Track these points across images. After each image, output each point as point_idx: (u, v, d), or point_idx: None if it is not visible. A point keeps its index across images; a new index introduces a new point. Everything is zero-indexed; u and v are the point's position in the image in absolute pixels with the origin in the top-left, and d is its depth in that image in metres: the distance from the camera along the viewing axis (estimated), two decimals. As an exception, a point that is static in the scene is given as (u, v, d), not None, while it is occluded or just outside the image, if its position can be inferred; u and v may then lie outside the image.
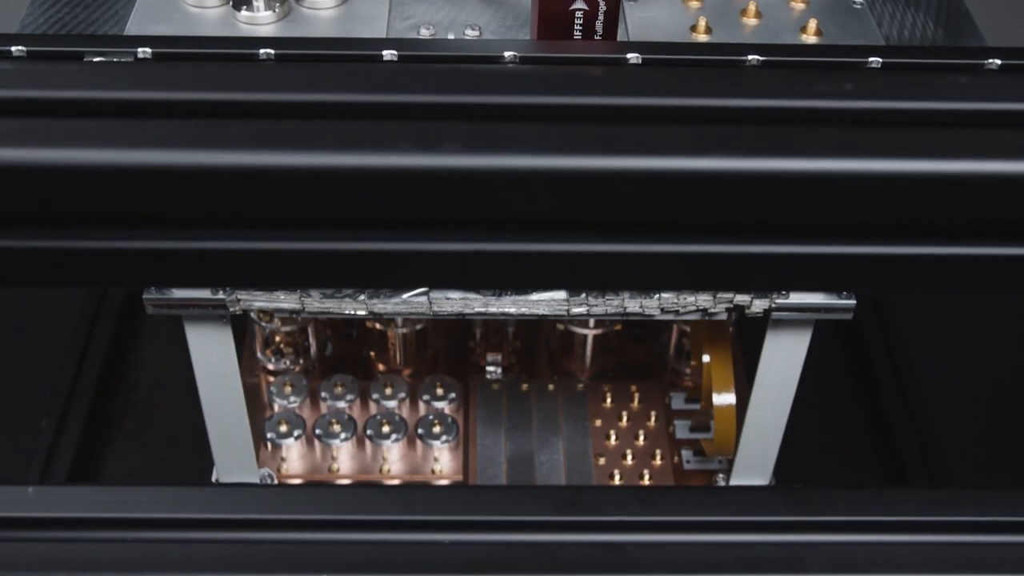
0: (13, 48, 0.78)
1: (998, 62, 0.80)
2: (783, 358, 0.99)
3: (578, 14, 0.84)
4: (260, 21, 0.91)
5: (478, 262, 0.51)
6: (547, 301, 0.92)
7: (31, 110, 0.53)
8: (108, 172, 0.48)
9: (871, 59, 0.80)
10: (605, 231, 0.51)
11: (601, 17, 0.84)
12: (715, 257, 0.52)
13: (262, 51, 0.78)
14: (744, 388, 1.05)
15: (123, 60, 0.77)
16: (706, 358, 1.08)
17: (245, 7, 0.91)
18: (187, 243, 0.50)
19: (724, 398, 1.06)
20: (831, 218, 0.51)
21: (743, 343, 1.16)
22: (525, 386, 1.22)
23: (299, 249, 0.51)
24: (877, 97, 0.56)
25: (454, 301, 0.92)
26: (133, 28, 0.91)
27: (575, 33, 0.85)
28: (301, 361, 1.22)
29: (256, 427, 1.11)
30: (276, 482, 1.11)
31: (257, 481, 1.09)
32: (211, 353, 0.98)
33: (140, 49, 0.78)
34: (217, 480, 1.09)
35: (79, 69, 0.61)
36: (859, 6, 0.97)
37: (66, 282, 0.53)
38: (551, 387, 1.23)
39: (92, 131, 0.49)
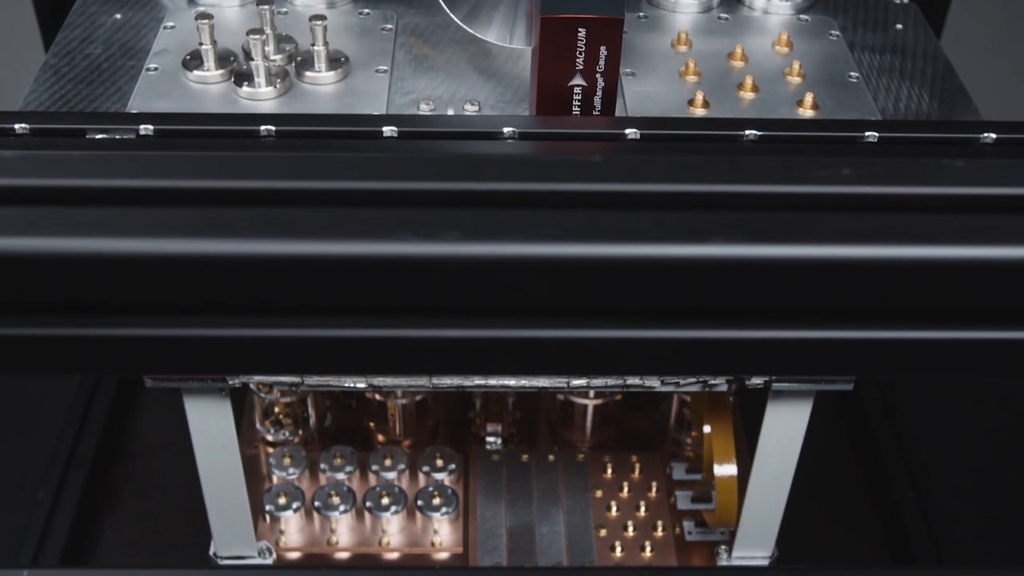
0: (16, 125, 0.79)
1: (993, 136, 0.81)
2: (784, 429, 0.99)
3: (576, 90, 0.84)
4: (261, 97, 0.92)
5: (479, 348, 0.51)
6: (547, 373, 0.92)
7: (31, 198, 0.53)
8: (107, 261, 0.48)
9: (867, 134, 0.81)
10: (605, 317, 0.52)
11: (599, 93, 0.84)
12: (715, 343, 0.52)
13: (263, 128, 0.78)
14: (746, 458, 1.05)
15: (125, 137, 0.78)
16: (707, 429, 1.08)
17: (246, 83, 0.92)
18: (187, 331, 0.50)
19: (725, 469, 1.06)
20: (829, 303, 0.51)
21: (744, 413, 1.16)
22: (525, 457, 1.22)
23: (300, 336, 0.51)
24: (874, 183, 0.56)
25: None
26: (136, 104, 0.92)
27: (573, 108, 0.85)
28: (300, 432, 1.21)
29: (255, 499, 1.10)
30: (274, 555, 1.10)
31: (255, 554, 1.08)
32: (210, 426, 0.98)
33: (142, 126, 0.79)
34: (215, 554, 1.08)
35: (78, 157, 0.61)
36: (855, 80, 0.98)
37: (65, 370, 0.53)
38: (551, 458, 1.22)
39: (91, 220, 0.49)
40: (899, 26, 1.07)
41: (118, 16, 1.05)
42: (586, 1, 0.81)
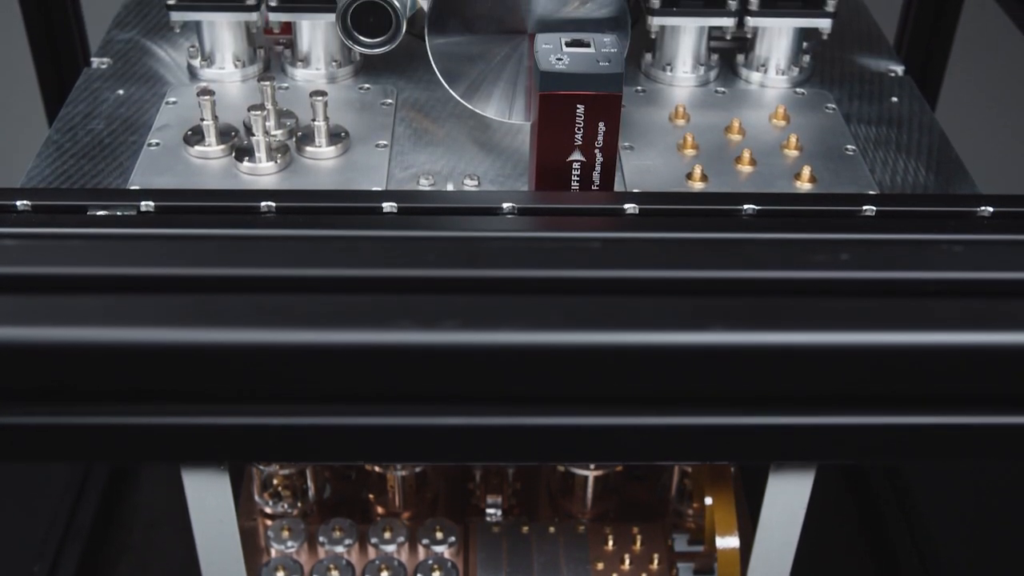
0: (18, 202, 0.79)
1: (990, 209, 0.81)
2: (786, 500, 0.98)
3: (575, 165, 0.85)
4: (262, 172, 0.93)
5: (479, 436, 0.50)
6: (547, 447, 0.91)
7: (29, 286, 0.53)
8: (107, 350, 0.48)
9: (865, 208, 0.81)
10: (605, 403, 0.51)
11: (598, 168, 0.85)
12: (716, 429, 0.52)
13: (263, 204, 0.79)
14: (748, 529, 1.04)
15: (126, 213, 0.78)
16: (708, 500, 1.07)
17: (247, 158, 0.93)
18: (186, 419, 0.50)
19: (727, 541, 1.05)
20: (828, 389, 0.51)
21: (746, 484, 1.15)
22: (526, 528, 1.21)
23: (298, 424, 0.51)
24: (873, 268, 0.57)
25: (453, 447, 0.91)
26: (137, 179, 0.93)
27: (573, 183, 0.86)
28: (299, 504, 1.21)
29: (253, 573, 1.09)
30: (272, 631, 1.09)
31: (253, 630, 1.07)
32: (208, 500, 0.97)
33: (143, 202, 0.79)
34: (212, 629, 1.06)
35: (72, 244, 0.62)
36: (851, 153, 0.99)
37: (60, 458, 0.53)
38: (552, 529, 1.21)
39: (86, 308, 0.50)
40: (894, 99, 1.08)
41: (121, 92, 1.06)
42: (585, 78, 0.81)
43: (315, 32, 1.05)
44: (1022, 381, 0.51)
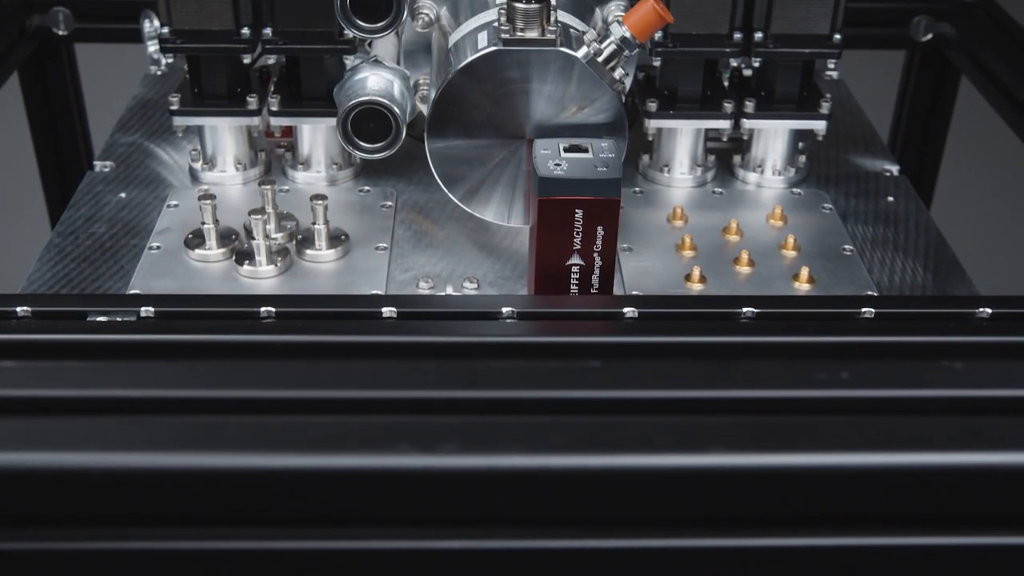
0: (18, 308, 0.79)
1: (988, 311, 0.81)
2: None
3: (574, 269, 0.85)
4: (262, 275, 0.93)
5: (480, 560, 0.50)
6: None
7: (28, 409, 0.53)
8: (105, 475, 0.48)
9: (864, 310, 0.81)
10: (607, 527, 0.51)
11: (597, 271, 0.85)
12: (714, 552, 0.51)
13: (263, 309, 0.79)
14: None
15: (126, 319, 0.78)
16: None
17: (247, 262, 0.93)
18: (180, 544, 0.49)
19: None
20: (828, 511, 0.51)
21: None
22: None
23: (295, 549, 0.50)
24: (873, 386, 0.57)
25: None
26: (137, 282, 0.93)
27: (572, 286, 0.86)
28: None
29: None
30: None
31: None
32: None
33: (143, 308, 0.79)
34: None
35: (76, 367, 0.62)
36: (849, 253, 0.99)
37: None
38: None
39: (89, 432, 0.49)
40: (890, 198, 1.09)
41: (123, 195, 1.07)
42: (583, 183, 0.82)
43: (316, 136, 1.06)
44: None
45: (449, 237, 1.01)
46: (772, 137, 1.08)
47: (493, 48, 0.86)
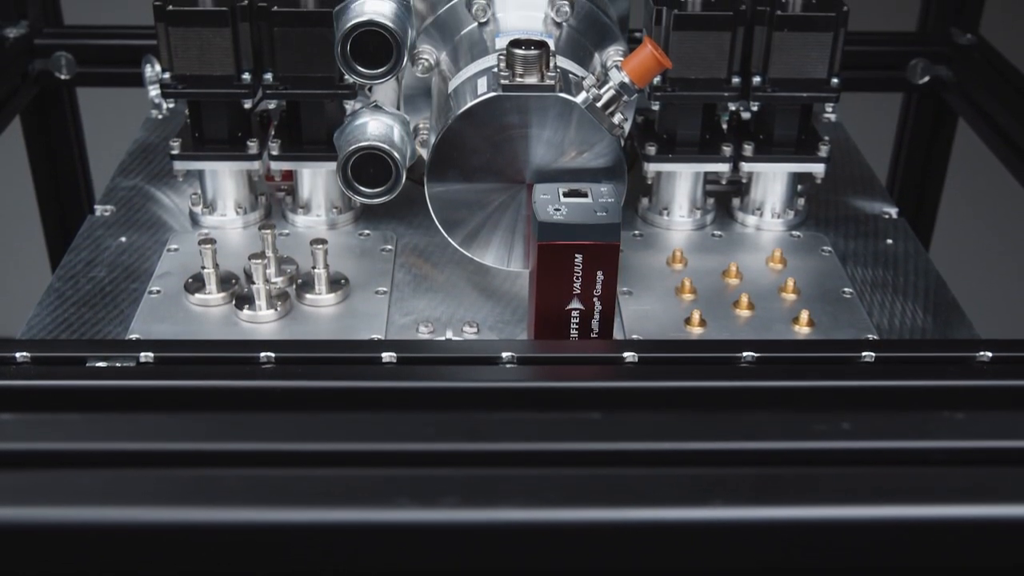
0: (17, 354, 0.79)
1: (989, 355, 0.81)
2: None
3: (574, 313, 0.85)
4: (261, 320, 0.93)
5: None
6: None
7: (26, 463, 0.53)
8: (103, 529, 0.48)
9: (864, 354, 0.81)
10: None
11: (597, 316, 0.85)
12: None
13: (262, 354, 0.79)
14: None
15: (125, 365, 0.78)
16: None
17: (247, 306, 0.93)
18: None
19: None
20: (831, 564, 0.51)
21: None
22: None
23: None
24: (875, 438, 0.56)
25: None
26: (137, 327, 0.93)
27: (571, 331, 0.86)
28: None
29: None
30: None
31: None
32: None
33: (143, 354, 0.79)
34: None
35: (74, 419, 0.61)
36: (849, 296, 0.99)
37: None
38: None
39: (86, 486, 0.49)
40: (889, 241, 1.10)
41: (123, 239, 1.07)
42: (583, 228, 0.82)
43: (316, 180, 1.07)
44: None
45: (449, 280, 1.01)
46: (771, 180, 1.08)
47: (492, 93, 0.86)
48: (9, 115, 1.33)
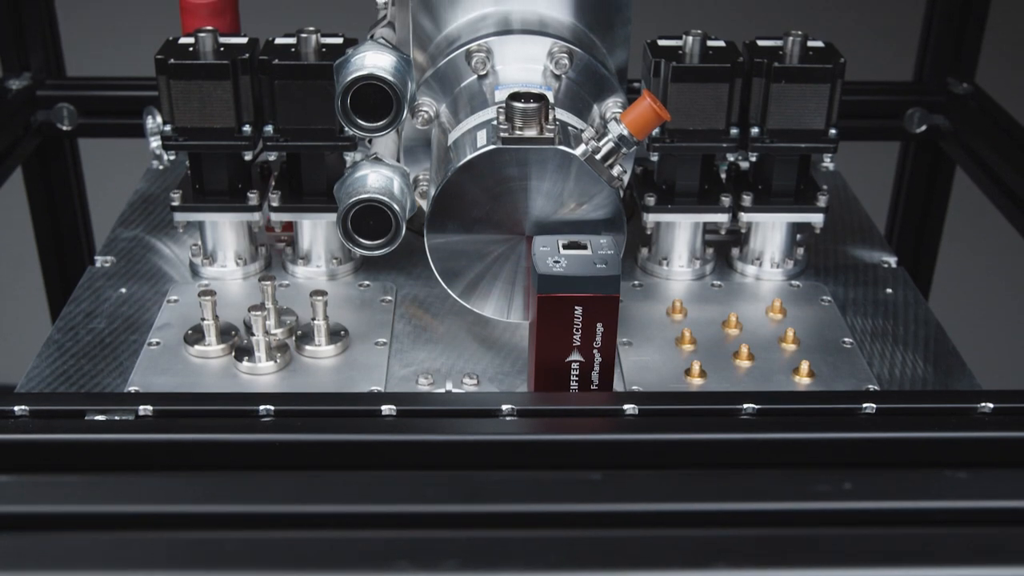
0: (16, 407, 0.79)
1: (990, 406, 0.81)
2: None
3: (574, 365, 0.85)
4: (261, 372, 0.93)
5: None
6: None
7: (24, 526, 0.53)
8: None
9: (865, 405, 0.81)
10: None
11: (597, 368, 0.85)
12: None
13: (262, 408, 0.78)
14: None
15: (124, 418, 0.78)
16: None
17: (247, 358, 0.93)
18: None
19: None
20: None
21: None
22: None
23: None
24: (876, 498, 0.56)
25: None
26: (136, 379, 0.93)
27: (571, 383, 0.86)
28: None
29: None
30: None
31: None
32: None
33: (141, 407, 0.79)
34: None
35: (72, 480, 0.61)
36: (849, 346, 0.99)
37: None
38: None
39: (83, 550, 0.49)
40: (889, 290, 1.10)
41: (123, 290, 1.07)
42: (582, 280, 0.82)
43: (316, 231, 1.07)
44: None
45: (449, 331, 1.01)
46: (770, 230, 1.09)
47: (492, 146, 0.87)
48: (11, 166, 1.34)
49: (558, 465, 0.77)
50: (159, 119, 1.06)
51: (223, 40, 1.02)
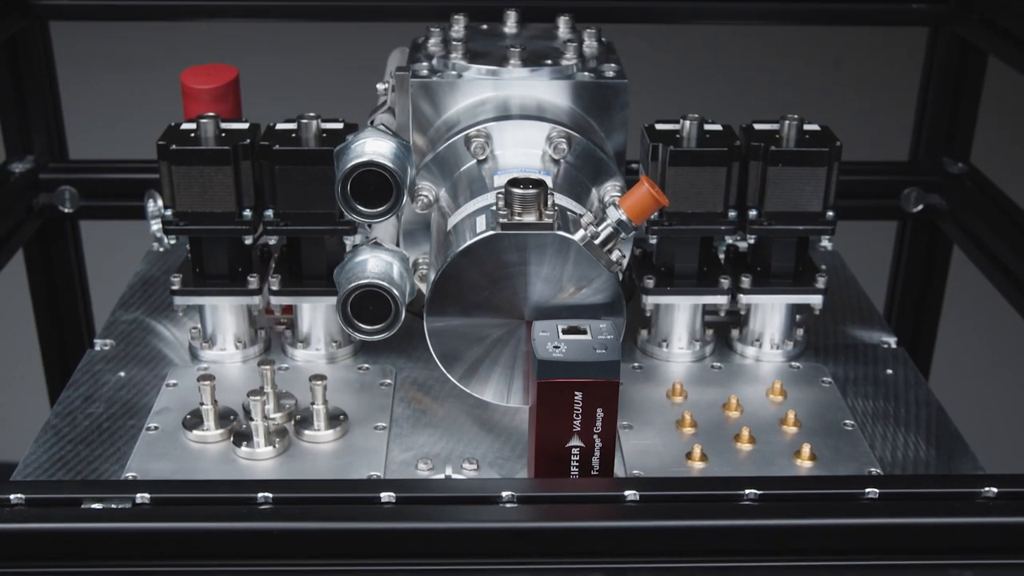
0: (12, 496, 0.78)
1: (994, 490, 0.81)
2: None
3: (574, 451, 0.85)
4: (260, 457, 0.92)
5: None
6: None
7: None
8: None
9: (868, 491, 0.80)
10: None
11: (597, 453, 0.85)
12: None
13: (260, 495, 0.78)
14: None
15: (121, 507, 0.77)
16: None
17: (245, 443, 0.93)
18: None
19: None
20: None
21: None
22: None
23: None
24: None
25: None
26: (134, 464, 0.92)
27: (572, 469, 0.85)
28: None
29: None
30: None
31: None
32: None
33: (139, 495, 0.78)
34: None
35: (69, 572, 0.61)
36: (850, 428, 0.98)
37: None
38: None
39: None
40: (889, 371, 1.09)
41: (122, 374, 1.06)
42: (582, 366, 0.82)
43: (315, 314, 1.07)
44: None
45: (449, 415, 1.00)
46: (769, 311, 1.09)
47: (491, 232, 0.87)
48: (13, 248, 1.35)
49: (559, 553, 0.76)
50: (160, 203, 1.07)
51: (224, 125, 1.03)
